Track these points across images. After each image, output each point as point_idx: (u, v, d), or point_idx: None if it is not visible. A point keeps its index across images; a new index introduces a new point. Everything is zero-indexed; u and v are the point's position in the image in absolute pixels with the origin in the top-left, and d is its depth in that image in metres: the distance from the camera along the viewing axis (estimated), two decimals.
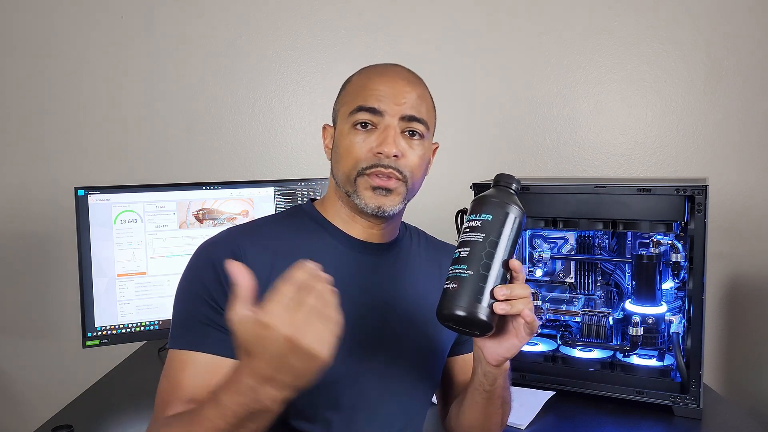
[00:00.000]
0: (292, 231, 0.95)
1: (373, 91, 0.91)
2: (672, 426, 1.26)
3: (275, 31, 1.99)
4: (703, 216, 1.25)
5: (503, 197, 0.83)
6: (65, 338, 1.98)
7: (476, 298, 0.76)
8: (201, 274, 0.88)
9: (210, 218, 1.57)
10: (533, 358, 1.44)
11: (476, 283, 0.77)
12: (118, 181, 1.80)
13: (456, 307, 0.76)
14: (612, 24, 1.88)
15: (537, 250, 1.56)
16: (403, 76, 0.95)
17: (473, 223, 0.81)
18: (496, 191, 0.84)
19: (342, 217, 0.96)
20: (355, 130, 0.91)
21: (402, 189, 0.92)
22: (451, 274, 0.79)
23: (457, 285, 0.77)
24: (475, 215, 0.82)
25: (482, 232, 0.80)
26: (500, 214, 0.81)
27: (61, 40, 1.98)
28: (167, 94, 2.00)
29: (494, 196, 0.83)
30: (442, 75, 1.94)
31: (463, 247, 0.80)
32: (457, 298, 0.77)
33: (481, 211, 0.81)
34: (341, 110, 0.95)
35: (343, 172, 0.92)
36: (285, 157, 2.01)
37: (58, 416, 1.29)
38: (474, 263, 0.78)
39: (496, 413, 0.95)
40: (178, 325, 0.88)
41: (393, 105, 0.90)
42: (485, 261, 0.78)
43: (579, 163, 1.93)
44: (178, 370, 0.86)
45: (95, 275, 1.48)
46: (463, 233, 0.81)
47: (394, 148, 0.89)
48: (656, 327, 1.38)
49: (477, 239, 0.79)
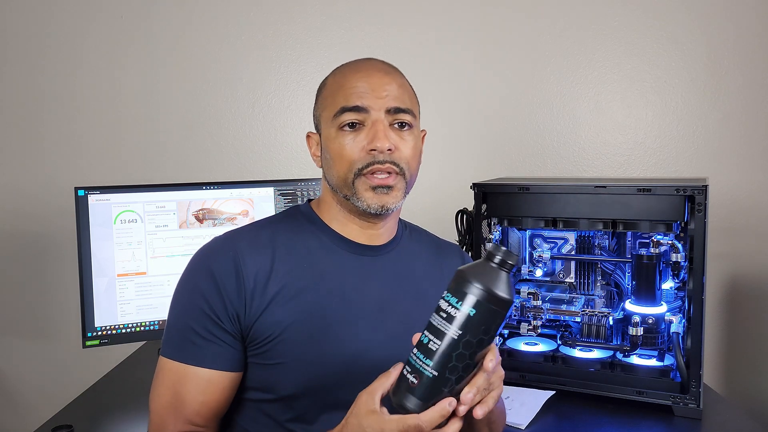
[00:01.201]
0: (291, 233, 0.94)
1: (352, 89, 0.90)
2: (672, 426, 1.26)
3: (275, 31, 1.99)
4: (703, 216, 1.25)
5: (495, 285, 0.67)
6: (65, 338, 1.99)
7: (433, 401, 0.69)
8: (200, 285, 0.87)
9: (210, 218, 1.57)
10: (533, 358, 1.44)
11: (437, 386, 0.68)
12: (118, 181, 1.80)
13: (410, 405, 0.69)
14: (612, 24, 1.88)
15: (537, 250, 1.56)
16: (379, 68, 0.93)
17: (451, 309, 0.67)
18: (488, 273, 0.68)
19: (339, 220, 0.96)
20: (343, 131, 0.89)
21: (401, 183, 0.91)
22: (414, 362, 0.69)
23: (417, 381, 0.68)
24: (455, 300, 0.68)
25: (460, 328, 0.67)
26: (485, 311, 0.67)
27: (61, 40, 1.98)
28: (167, 94, 2.00)
29: (485, 281, 0.67)
30: (442, 75, 1.94)
31: (432, 334, 0.68)
32: (413, 396, 0.69)
33: (463, 299, 0.67)
34: (323, 115, 0.94)
35: (338, 176, 0.91)
36: (285, 157, 2.01)
37: (58, 416, 1.29)
38: (441, 363, 0.67)
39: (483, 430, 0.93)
40: (177, 335, 0.87)
41: (376, 99, 0.89)
42: (453, 364, 0.67)
43: (579, 163, 1.93)
44: (178, 385, 0.85)
45: (95, 275, 1.48)
46: (438, 315, 0.69)
47: (387, 143, 0.87)
48: (656, 327, 1.38)
49: (450, 333, 0.67)
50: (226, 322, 0.85)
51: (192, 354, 0.85)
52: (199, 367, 0.85)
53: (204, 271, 0.87)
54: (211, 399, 0.86)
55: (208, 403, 0.86)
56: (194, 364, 0.85)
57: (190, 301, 0.87)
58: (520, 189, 1.42)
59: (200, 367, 0.85)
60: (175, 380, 0.86)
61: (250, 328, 0.86)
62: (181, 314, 0.88)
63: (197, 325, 0.86)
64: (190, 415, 0.85)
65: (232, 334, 0.86)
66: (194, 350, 0.85)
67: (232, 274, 0.86)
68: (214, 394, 0.86)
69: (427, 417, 0.68)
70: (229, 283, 0.86)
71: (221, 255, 0.88)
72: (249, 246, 0.90)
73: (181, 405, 0.85)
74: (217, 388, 0.86)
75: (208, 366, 0.85)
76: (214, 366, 0.85)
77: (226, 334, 0.86)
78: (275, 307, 0.86)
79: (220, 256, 0.88)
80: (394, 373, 0.72)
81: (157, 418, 0.86)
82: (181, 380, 0.85)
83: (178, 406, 0.85)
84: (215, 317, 0.85)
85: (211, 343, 0.85)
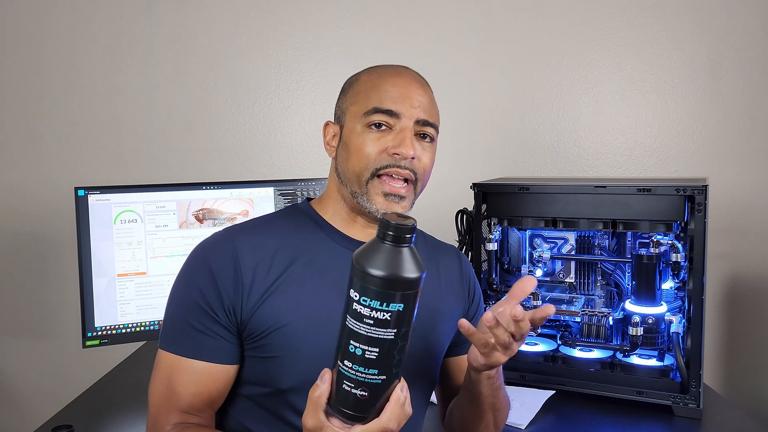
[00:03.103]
0: (290, 229, 0.95)
1: (387, 92, 0.91)
2: (672, 426, 1.26)
3: (275, 31, 1.99)
4: (703, 216, 1.25)
5: (412, 269, 0.65)
6: (65, 338, 1.99)
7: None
8: (198, 279, 0.88)
9: (210, 218, 1.57)
10: (533, 358, 1.44)
11: (389, 384, 0.68)
12: (118, 181, 1.80)
13: (371, 416, 0.68)
14: (612, 24, 1.88)
15: (537, 250, 1.56)
16: (416, 79, 0.96)
17: (378, 314, 0.64)
18: (399, 260, 0.64)
19: (342, 216, 0.96)
20: (369, 129, 0.91)
21: (412, 194, 0.93)
22: (355, 376, 0.66)
23: (367, 393, 0.66)
24: (379, 303, 0.64)
25: (393, 327, 0.64)
26: (413, 298, 0.65)
27: (61, 40, 1.98)
28: (167, 94, 2.00)
29: (400, 270, 0.64)
30: (442, 75, 1.94)
31: (368, 345, 0.65)
32: (369, 408, 0.68)
33: (390, 300, 0.64)
34: (351, 108, 0.94)
35: (353, 171, 0.92)
36: (285, 157, 2.01)
37: (58, 416, 1.29)
38: (386, 365, 0.66)
39: (482, 417, 0.95)
40: (173, 328, 0.89)
41: (409, 108, 0.91)
42: (398, 358, 0.66)
43: (579, 163, 1.93)
44: (173, 376, 0.87)
45: (95, 275, 1.48)
46: (365, 325, 0.64)
47: (411, 150, 0.89)
48: (656, 327, 1.38)
49: (387, 336, 0.65)
50: (221, 316, 0.87)
51: (188, 347, 0.87)
52: (194, 360, 0.87)
53: (201, 265, 0.89)
54: (204, 391, 0.87)
55: (201, 394, 0.87)
56: (189, 356, 0.87)
57: (186, 294, 0.89)
58: (520, 189, 1.42)
59: (194, 359, 0.87)
60: (169, 372, 0.87)
61: (247, 321, 0.87)
62: (178, 307, 0.90)
63: (193, 318, 0.87)
64: (183, 406, 0.86)
65: (227, 327, 0.87)
66: (189, 343, 0.87)
67: (230, 268, 0.87)
68: (207, 386, 0.87)
69: (386, 416, 0.69)
70: (227, 277, 0.87)
71: (219, 249, 0.89)
72: (248, 240, 0.90)
73: (174, 396, 0.86)
74: (211, 381, 0.87)
75: (203, 358, 0.86)
76: (208, 358, 0.87)
77: (221, 328, 0.87)
78: (273, 301, 0.87)
79: (218, 250, 0.89)
80: (323, 386, 0.70)
81: (153, 409, 0.88)
82: (174, 372, 0.87)
83: (171, 397, 0.86)
84: (211, 311, 0.86)
85: (207, 336, 0.86)
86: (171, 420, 0.86)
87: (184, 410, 0.86)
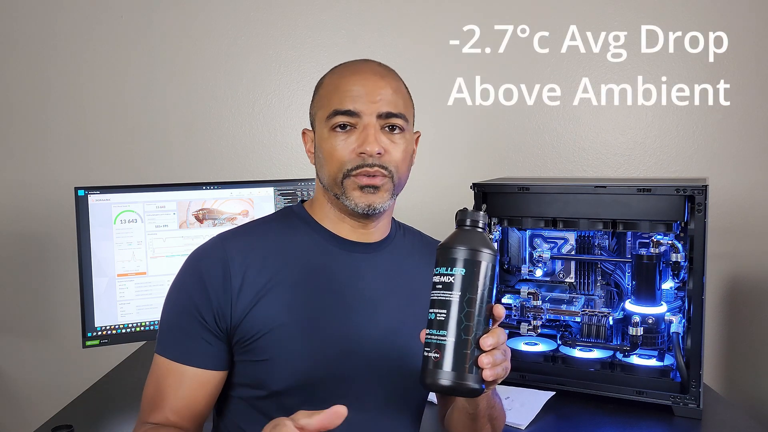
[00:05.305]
0: (282, 231, 0.96)
1: (346, 92, 0.91)
2: (672, 426, 1.26)
3: (275, 31, 1.99)
4: (703, 216, 1.25)
5: (474, 243, 0.75)
6: (65, 338, 1.98)
7: (461, 367, 0.72)
8: (189, 286, 0.90)
9: (210, 218, 1.57)
10: (533, 358, 1.44)
11: (459, 350, 0.72)
12: (118, 180, 1.80)
13: (442, 379, 0.72)
14: (612, 24, 1.88)
15: (537, 250, 1.56)
16: (376, 71, 0.94)
17: (445, 278, 0.74)
18: (464, 236, 0.76)
19: (331, 218, 0.97)
20: (335, 132, 0.91)
21: (389, 185, 0.92)
22: (431, 340, 0.73)
23: (439, 354, 0.72)
24: (445, 269, 0.74)
25: (457, 290, 0.73)
26: (474, 265, 0.74)
27: (62, 40, 1.98)
28: (167, 93, 2.00)
29: (463, 242, 0.74)
30: (442, 74, 1.94)
31: (437, 308, 0.73)
32: (441, 369, 0.72)
33: (453, 264, 0.74)
34: (318, 114, 0.95)
35: (328, 175, 0.92)
36: (285, 157, 2.01)
37: (58, 416, 1.29)
38: (453, 328, 0.72)
39: (482, 429, 0.95)
40: (166, 333, 0.91)
41: (369, 104, 0.90)
42: (465, 324, 0.72)
43: (579, 163, 1.93)
44: (163, 379, 0.89)
45: (95, 275, 1.47)
46: (436, 291, 0.74)
47: (376, 146, 0.89)
48: (656, 327, 1.38)
49: (452, 299, 0.73)
50: (210, 321, 0.88)
51: (179, 353, 0.88)
52: (183, 364, 0.88)
53: (192, 272, 0.90)
54: (191, 395, 0.88)
55: (187, 399, 0.88)
56: (178, 360, 0.88)
57: (178, 300, 0.91)
58: (520, 189, 1.42)
59: (184, 364, 0.88)
60: (159, 375, 0.89)
61: (238, 325, 0.88)
62: (170, 312, 0.92)
63: (183, 323, 0.88)
64: (168, 411, 0.87)
65: (215, 333, 0.88)
66: (180, 349, 0.88)
67: (219, 274, 0.88)
68: (194, 391, 0.88)
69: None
70: (216, 283, 0.88)
71: (210, 256, 0.91)
72: (239, 244, 0.91)
73: (161, 399, 0.88)
74: (198, 386, 0.88)
75: (191, 363, 0.88)
76: (196, 364, 0.88)
77: (209, 334, 0.88)
78: (265, 303, 0.88)
79: (209, 257, 0.91)
80: (313, 422, 0.68)
81: (143, 407, 0.90)
82: (164, 375, 0.88)
83: (158, 400, 0.88)
84: (200, 316, 0.88)
85: (197, 343, 0.88)
86: (152, 419, 0.88)
87: (166, 416, 0.87)
